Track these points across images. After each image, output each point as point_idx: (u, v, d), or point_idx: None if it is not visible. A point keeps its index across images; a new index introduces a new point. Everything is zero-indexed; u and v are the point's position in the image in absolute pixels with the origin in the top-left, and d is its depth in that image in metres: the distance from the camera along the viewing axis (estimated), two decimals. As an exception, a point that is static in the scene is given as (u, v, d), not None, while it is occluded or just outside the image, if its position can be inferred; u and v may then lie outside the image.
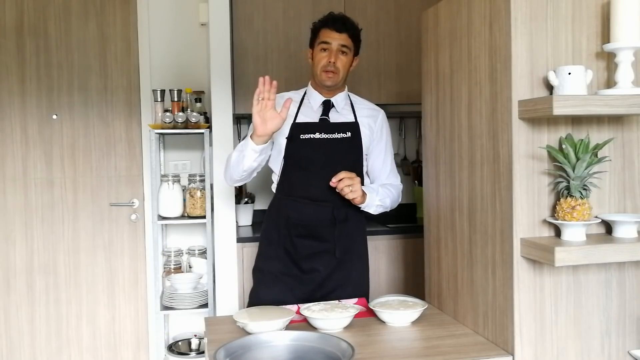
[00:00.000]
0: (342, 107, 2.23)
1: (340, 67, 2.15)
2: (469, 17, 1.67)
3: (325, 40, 2.14)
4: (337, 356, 1.40)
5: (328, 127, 2.17)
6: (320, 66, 2.15)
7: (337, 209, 2.14)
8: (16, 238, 3.28)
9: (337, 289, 2.16)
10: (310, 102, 2.22)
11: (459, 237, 1.78)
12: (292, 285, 2.15)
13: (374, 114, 2.27)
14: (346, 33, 2.14)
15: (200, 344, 3.20)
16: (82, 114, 3.34)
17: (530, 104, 1.41)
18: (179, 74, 3.39)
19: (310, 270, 2.15)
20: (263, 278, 2.20)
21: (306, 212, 2.14)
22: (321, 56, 2.15)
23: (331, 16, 2.18)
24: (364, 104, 2.30)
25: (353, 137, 2.18)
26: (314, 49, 2.20)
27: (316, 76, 2.18)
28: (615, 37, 1.43)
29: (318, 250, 2.16)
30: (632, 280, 1.57)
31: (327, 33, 2.14)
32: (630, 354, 1.57)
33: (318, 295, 2.13)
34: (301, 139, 2.14)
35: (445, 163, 1.87)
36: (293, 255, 2.16)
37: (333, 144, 2.15)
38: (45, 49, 3.28)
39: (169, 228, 3.43)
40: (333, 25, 2.14)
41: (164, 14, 3.39)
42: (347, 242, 2.18)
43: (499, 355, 1.51)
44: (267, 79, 1.93)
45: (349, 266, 2.20)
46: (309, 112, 2.20)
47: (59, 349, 3.34)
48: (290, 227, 2.16)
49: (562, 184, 1.46)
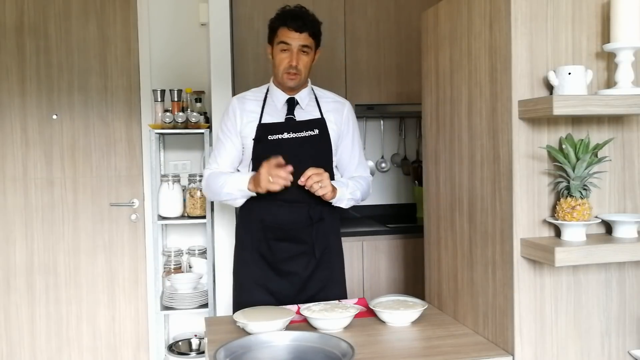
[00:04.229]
0: (307, 104, 2.18)
1: (302, 68, 2.09)
2: (469, 17, 1.67)
3: (285, 41, 2.07)
4: (337, 356, 1.40)
5: (295, 126, 2.12)
6: (281, 68, 2.09)
7: (312, 208, 2.11)
8: (16, 238, 3.28)
9: (323, 289, 2.14)
10: (273, 100, 2.17)
11: (459, 237, 1.78)
12: (272, 290, 2.12)
13: (339, 108, 2.23)
14: (306, 32, 2.07)
15: (200, 344, 3.20)
16: (82, 114, 3.33)
17: (530, 104, 1.41)
18: (179, 74, 3.39)
19: (288, 273, 2.13)
20: (243, 284, 2.16)
21: (281, 214, 2.10)
22: (281, 57, 2.08)
23: (289, 13, 2.08)
24: (329, 97, 2.25)
25: (321, 133, 2.14)
26: (273, 46, 2.13)
27: (278, 77, 2.13)
28: (615, 37, 1.43)
29: (296, 252, 2.13)
30: (632, 280, 1.57)
31: (287, 33, 2.06)
32: (630, 354, 1.57)
33: (303, 298, 2.11)
34: (269, 139, 2.09)
35: (445, 163, 1.87)
36: (269, 259, 2.13)
37: (301, 142, 2.11)
38: (45, 49, 3.28)
39: (169, 228, 3.43)
40: (292, 24, 2.05)
41: (164, 14, 3.39)
42: (324, 242, 2.16)
43: (499, 355, 1.51)
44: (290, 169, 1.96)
45: (329, 266, 2.18)
46: (273, 111, 2.15)
47: (59, 349, 3.34)
48: (265, 230, 2.12)
49: (562, 184, 1.46)
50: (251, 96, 2.20)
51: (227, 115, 2.19)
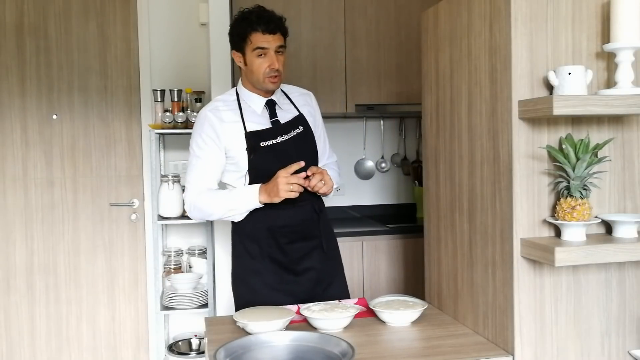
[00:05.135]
0: (282, 102, 2.17)
1: (282, 69, 2.06)
2: (469, 17, 1.67)
3: (261, 46, 2.00)
4: (337, 356, 1.40)
5: (283, 128, 2.10)
6: (262, 73, 2.02)
7: (314, 202, 2.14)
8: (16, 238, 3.28)
9: (335, 278, 2.18)
10: (250, 106, 2.10)
11: (459, 237, 1.78)
12: (291, 291, 2.10)
13: (307, 100, 2.24)
14: (279, 32, 2.03)
15: (200, 344, 3.20)
16: (82, 114, 3.33)
17: (530, 104, 1.41)
18: (179, 74, 3.39)
19: (305, 270, 2.13)
20: (257, 290, 2.10)
21: (289, 216, 2.08)
22: (259, 62, 2.02)
23: (258, 16, 2.01)
24: (296, 91, 2.25)
25: (305, 129, 2.14)
26: (245, 53, 2.05)
27: (258, 83, 2.06)
28: (615, 37, 1.43)
29: (308, 249, 2.14)
30: (632, 280, 1.57)
31: (260, 37, 2.00)
32: (630, 354, 1.57)
33: (319, 290, 2.12)
34: (262, 147, 2.05)
35: (445, 163, 1.87)
36: (283, 262, 2.11)
37: (294, 142, 2.10)
38: (45, 49, 3.28)
39: (169, 228, 3.43)
40: (265, 27, 1.99)
41: (164, 14, 3.39)
42: (327, 233, 2.21)
43: (499, 355, 1.51)
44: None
45: (334, 254, 2.23)
46: (254, 117, 2.09)
47: (59, 349, 3.34)
48: (275, 236, 2.09)
49: (562, 184, 1.46)
50: (223, 106, 2.10)
51: (203, 131, 2.06)
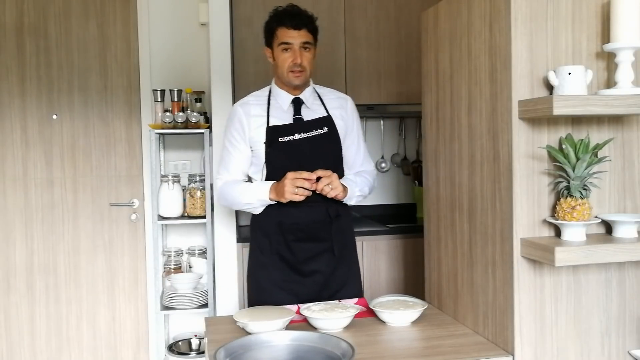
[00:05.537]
0: (312, 102, 2.18)
1: (307, 65, 2.10)
2: (469, 17, 1.67)
3: (286, 41, 2.07)
4: (337, 356, 1.40)
5: (304, 126, 2.12)
6: (285, 67, 2.09)
7: (330, 206, 2.12)
8: (16, 238, 3.28)
9: (344, 286, 2.15)
10: (278, 102, 2.16)
11: (459, 237, 1.78)
12: (295, 291, 2.11)
13: (342, 104, 2.24)
14: (305, 28, 2.07)
15: (200, 344, 3.20)
16: (82, 114, 3.33)
17: (530, 104, 1.41)
18: (179, 74, 3.39)
19: (311, 272, 2.13)
20: (264, 287, 2.14)
21: (300, 214, 2.10)
22: (284, 57, 2.08)
23: (285, 12, 2.09)
24: (331, 93, 2.26)
25: (330, 131, 2.15)
26: (273, 49, 2.13)
27: (282, 77, 2.12)
28: (615, 37, 1.43)
29: (317, 251, 2.13)
30: (632, 280, 1.57)
31: (286, 32, 2.07)
32: (630, 354, 1.57)
33: (326, 296, 2.11)
34: (280, 142, 2.09)
35: (445, 163, 1.87)
36: (290, 260, 2.12)
37: (312, 142, 2.11)
38: (45, 49, 3.28)
39: (169, 228, 3.43)
40: (290, 23, 2.05)
41: (164, 14, 3.39)
42: (342, 239, 2.17)
43: (499, 355, 1.51)
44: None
45: (348, 262, 2.19)
46: (279, 113, 2.15)
47: (59, 349, 3.34)
48: (285, 232, 2.11)
49: (562, 184, 1.46)
50: (254, 100, 2.19)
51: (232, 124, 2.17)
